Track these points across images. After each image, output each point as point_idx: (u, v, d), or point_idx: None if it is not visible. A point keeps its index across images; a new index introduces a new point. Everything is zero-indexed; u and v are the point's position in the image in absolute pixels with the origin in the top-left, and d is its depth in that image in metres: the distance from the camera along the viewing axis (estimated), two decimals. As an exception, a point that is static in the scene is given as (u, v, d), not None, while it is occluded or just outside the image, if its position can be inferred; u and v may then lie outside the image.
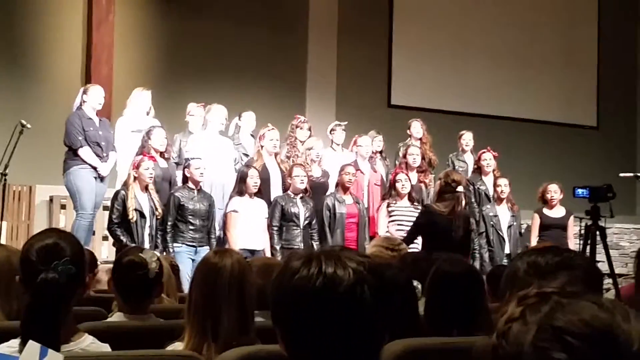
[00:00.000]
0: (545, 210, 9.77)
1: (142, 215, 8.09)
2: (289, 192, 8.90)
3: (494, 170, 10.12)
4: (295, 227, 8.77)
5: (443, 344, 3.00)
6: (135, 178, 8.13)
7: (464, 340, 2.90)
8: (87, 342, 2.80)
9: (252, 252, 8.47)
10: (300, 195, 8.87)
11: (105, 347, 2.89)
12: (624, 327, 1.20)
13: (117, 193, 8.20)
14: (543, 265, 2.21)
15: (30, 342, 2.21)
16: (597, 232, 7.40)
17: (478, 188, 10.03)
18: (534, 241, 9.47)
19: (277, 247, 8.67)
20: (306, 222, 8.84)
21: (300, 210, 8.81)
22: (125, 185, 8.19)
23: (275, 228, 8.72)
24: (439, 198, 7.71)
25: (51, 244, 2.69)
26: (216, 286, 3.06)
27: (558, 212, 9.75)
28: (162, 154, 8.71)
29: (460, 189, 7.60)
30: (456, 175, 7.84)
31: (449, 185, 7.60)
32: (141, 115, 9.16)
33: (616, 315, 1.21)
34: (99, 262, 6.75)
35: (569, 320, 1.20)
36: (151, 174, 8.18)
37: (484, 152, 10.19)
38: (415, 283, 3.75)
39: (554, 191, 9.73)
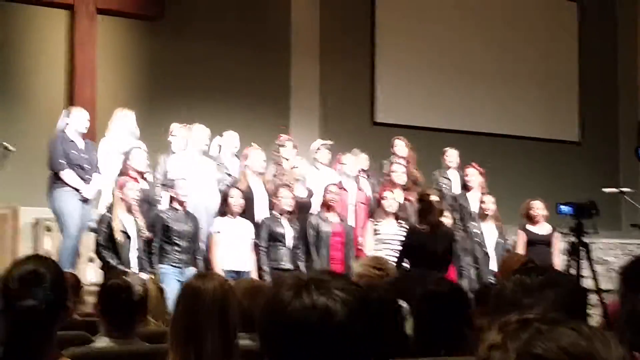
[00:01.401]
0: (530, 227, 9.75)
1: (127, 236, 8.08)
2: (274, 212, 8.88)
3: (480, 187, 10.11)
4: (282, 247, 8.77)
5: None
6: (119, 199, 8.12)
7: None
8: None
9: (238, 273, 8.45)
10: (286, 215, 8.84)
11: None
12: (603, 354, 1.21)
13: (102, 215, 8.20)
14: (529, 284, 2.24)
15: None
16: (582, 248, 7.45)
17: (462, 205, 10.00)
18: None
19: (266, 268, 8.65)
20: (293, 242, 8.84)
21: (287, 230, 8.81)
22: (110, 207, 8.18)
23: (264, 249, 8.71)
24: (420, 217, 7.88)
25: (30, 270, 2.65)
26: (198, 310, 3.07)
27: (542, 228, 9.74)
28: (142, 175, 8.68)
29: (433, 197, 7.68)
30: (427, 190, 8.14)
31: (423, 201, 7.70)
32: (125, 136, 9.12)
33: (595, 342, 1.22)
34: (83, 285, 6.72)
35: (547, 348, 1.21)
36: (135, 195, 8.19)
37: (467, 167, 10.20)
38: (401, 303, 3.82)
39: (538, 207, 9.72)
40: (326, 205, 9.16)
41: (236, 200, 8.63)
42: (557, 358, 1.20)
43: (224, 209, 8.65)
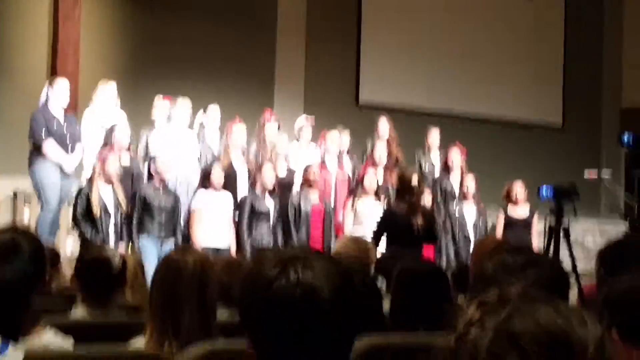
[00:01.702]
0: (510, 209, 9.80)
1: (106, 210, 8.07)
2: (256, 189, 8.88)
3: (462, 168, 10.14)
4: (265, 224, 8.79)
5: (407, 341, 3.03)
6: (99, 173, 8.11)
7: (429, 338, 2.91)
8: (48, 336, 2.80)
9: (217, 250, 8.45)
10: (269, 192, 8.86)
11: (68, 341, 2.89)
12: (580, 332, 1.23)
13: (81, 188, 8.19)
14: (511, 264, 2.28)
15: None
16: (561, 231, 7.49)
17: (443, 187, 10.04)
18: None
19: (247, 245, 8.67)
20: (275, 219, 8.87)
21: (270, 207, 8.84)
22: (90, 180, 8.17)
23: (245, 225, 8.71)
24: (398, 197, 7.90)
25: (8, 240, 2.64)
26: (177, 284, 3.04)
27: (522, 210, 9.78)
28: (126, 149, 8.68)
29: (413, 179, 7.71)
30: (406, 172, 8.08)
31: (403, 183, 7.73)
32: (108, 108, 9.08)
33: (572, 320, 1.24)
34: (63, 257, 6.71)
35: (524, 325, 1.22)
36: (116, 168, 8.17)
37: (451, 147, 10.23)
38: (379, 281, 3.93)
39: (519, 189, 9.76)
40: (307, 184, 9.14)
41: (218, 175, 8.61)
42: (533, 335, 1.21)
43: (205, 185, 8.63)
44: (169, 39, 11.95)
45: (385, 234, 7.79)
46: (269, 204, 8.84)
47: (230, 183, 8.85)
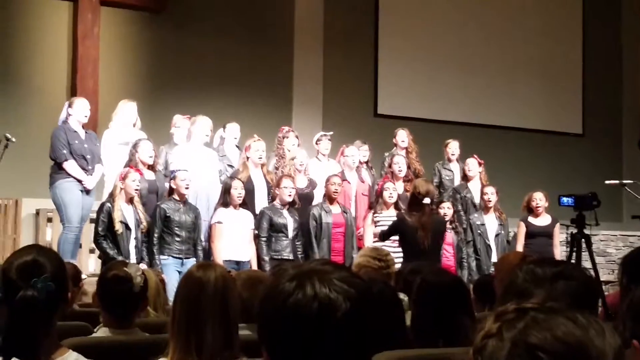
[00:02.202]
0: (531, 219, 9.73)
1: (127, 227, 8.06)
2: (275, 203, 8.87)
3: (481, 179, 10.13)
4: (283, 238, 8.76)
5: (427, 355, 3.00)
6: (121, 190, 8.11)
7: (449, 352, 2.89)
8: (71, 359, 2.75)
9: (238, 263, 8.47)
10: (287, 206, 8.84)
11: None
12: (598, 343, 1.23)
13: (102, 205, 8.18)
14: (541, 275, 2.26)
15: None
16: (583, 240, 7.49)
17: (464, 196, 10.02)
18: (519, 249, 9.35)
19: (266, 258, 8.65)
20: (294, 232, 8.83)
21: (289, 221, 8.80)
22: (111, 197, 8.16)
23: (264, 239, 8.70)
24: (409, 208, 7.92)
25: (30, 260, 2.63)
26: (200, 301, 3.03)
27: (543, 220, 9.72)
28: (150, 167, 8.68)
29: (426, 200, 7.69)
30: (423, 187, 7.94)
31: (416, 198, 7.71)
32: (127, 127, 9.13)
33: (590, 331, 1.24)
34: (84, 276, 6.78)
35: (542, 337, 1.22)
36: (137, 186, 8.16)
37: (468, 158, 10.23)
38: (402, 296, 3.81)
39: (539, 199, 9.70)
40: (329, 196, 9.13)
41: (238, 192, 8.60)
42: (551, 347, 1.21)
43: (225, 200, 8.62)
44: (187, 56, 12.02)
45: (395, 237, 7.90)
46: (288, 218, 8.81)
47: (249, 198, 8.83)
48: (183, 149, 9.13)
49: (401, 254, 7.87)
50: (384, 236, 8.18)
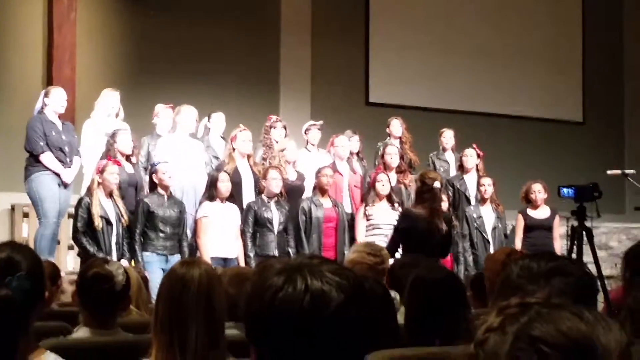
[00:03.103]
0: (529, 211, 9.55)
1: (108, 222, 7.86)
2: (262, 196, 8.66)
3: (477, 170, 9.92)
4: (269, 233, 8.55)
5: (423, 354, 3.01)
6: (99, 183, 7.90)
7: (444, 350, 2.92)
8: None
9: (225, 260, 8.26)
10: (275, 199, 8.62)
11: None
12: (603, 339, 1.22)
13: (80, 200, 7.95)
14: (536, 270, 2.23)
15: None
16: (584, 233, 7.37)
17: (458, 188, 9.83)
18: (518, 243, 9.28)
19: (251, 254, 8.45)
20: (281, 227, 8.62)
21: (275, 215, 8.59)
22: (89, 191, 7.96)
23: (249, 234, 8.50)
24: (418, 199, 7.44)
25: (4, 258, 2.60)
26: (183, 299, 2.99)
27: (543, 212, 9.54)
28: (128, 158, 8.52)
29: (437, 184, 7.31)
30: (431, 173, 7.63)
31: (425, 184, 7.31)
32: (110, 117, 8.98)
33: (597, 326, 1.23)
34: (63, 274, 6.57)
35: (546, 330, 1.22)
36: (116, 178, 7.96)
37: (467, 148, 10.02)
38: (393, 294, 3.81)
39: (538, 191, 9.52)
40: (320, 189, 8.92)
41: (225, 184, 8.43)
42: (555, 341, 1.21)
43: (211, 193, 8.42)
44: (169, 43, 11.86)
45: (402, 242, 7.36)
46: (274, 212, 8.59)
47: (236, 190, 8.63)
48: (167, 140, 8.97)
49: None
50: (392, 246, 7.27)
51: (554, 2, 14.74)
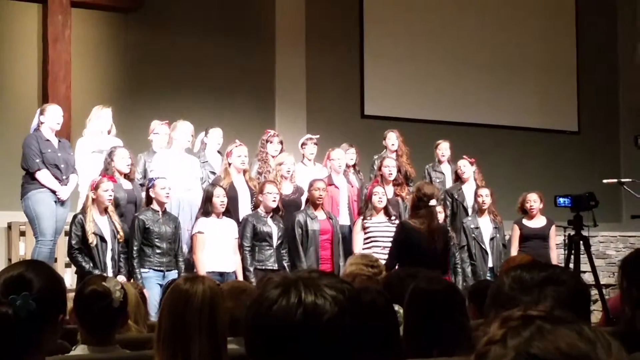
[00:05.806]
0: (525, 221, 9.59)
1: (102, 239, 7.84)
2: (259, 210, 8.61)
3: (475, 180, 9.93)
4: (268, 247, 8.52)
5: None
6: (93, 200, 7.88)
7: None
8: None
9: (222, 274, 8.24)
10: (271, 213, 8.58)
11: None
12: (602, 358, 1.21)
13: (74, 217, 7.93)
14: (528, 281, 2.20)
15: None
16: (581, 242, 7.41)
17: (455, 199, 9.81)
18: (513, 253, 9.27)
19: (251, 269, 8.42)
20: (279, 241, 8.59)
21: (273, 229, 8.56)
22: (84, 208, 7.94)
23: (248, 248, 8.46)
24: (413, 213, 7.45)
25: (15, 275, 2.50)
26: (186, 314, 3.03)
27: (538, 222, 9.56)
28: (126, 175, 8.50)
29: (433, 202, 7.31)
30: (428, 188, 7.52)
31: (422, 200, 7.29)
32: (102, 134, 8.95)
33: (597, 345, 1.22)
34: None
35: (545, 348, 1.21)
36: (110, 195, 7.93)
37: (459, 160, 10.04)
38: (396, 307, 3.71)
39: (533, 200, 9.56)
40: (313, 202, 8.86)
41: (220, 200, 8.39)
42: (553, 359, 1.20)
43: (207, 209, 8.38)
44: (164, 58, 11.82)
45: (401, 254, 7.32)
46: (272, 226, 8.56)
47: (232, 205, 8.61)
48: (164, 156, 8.94)
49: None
50: (391, 260, 7.21)
51: (549, 13, 14.72)
